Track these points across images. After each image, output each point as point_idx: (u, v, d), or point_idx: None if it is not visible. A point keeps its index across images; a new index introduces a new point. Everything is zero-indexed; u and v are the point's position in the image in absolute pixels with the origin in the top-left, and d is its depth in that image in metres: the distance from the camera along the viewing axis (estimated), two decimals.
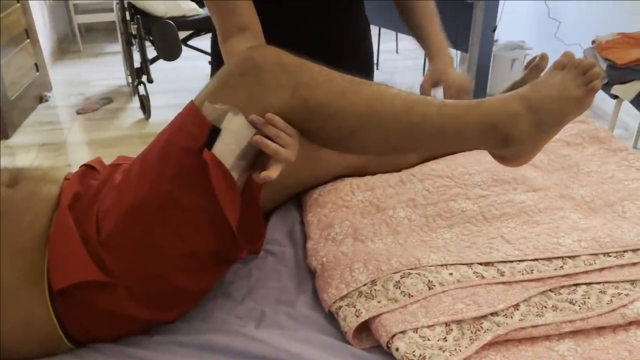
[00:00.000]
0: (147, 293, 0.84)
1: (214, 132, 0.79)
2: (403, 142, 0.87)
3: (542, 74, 0.93)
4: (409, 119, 0.84)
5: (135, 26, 3.11)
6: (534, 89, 0.89)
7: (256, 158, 0.85)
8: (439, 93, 1.19)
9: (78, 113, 3.43)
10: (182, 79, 3.89)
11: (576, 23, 3.33)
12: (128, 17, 3.22)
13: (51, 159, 2.87)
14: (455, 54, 3.21)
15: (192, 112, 0.81)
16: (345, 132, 0.84)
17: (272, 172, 0.80)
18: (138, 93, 3.33)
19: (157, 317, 0.86)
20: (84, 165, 1.00)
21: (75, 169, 1.01)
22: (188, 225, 0.82)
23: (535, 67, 1.03)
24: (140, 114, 3.37)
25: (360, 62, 1.27)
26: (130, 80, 3.63)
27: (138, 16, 3.09)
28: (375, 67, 4.12)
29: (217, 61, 1.19)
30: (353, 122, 0.83)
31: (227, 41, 1.01)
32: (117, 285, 0.81)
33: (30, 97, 3.47)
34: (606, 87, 2.46)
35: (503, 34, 3.72)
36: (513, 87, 1.04)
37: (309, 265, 0.98)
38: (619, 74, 2.40)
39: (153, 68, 3.33)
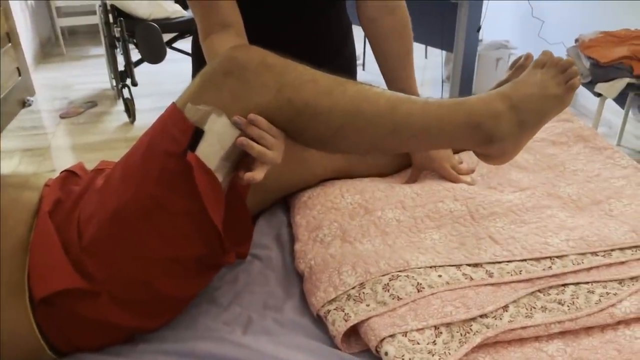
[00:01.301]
0: (131, 300, 0.82)
1: (197, 134, 0.78)
2: (388, 141, 0.87)
3: (524, 72, 0.94)
4: (394, 118, 0.83)
5: (119, 29, 3.08)
6: (515, 88, 0.90)
7: (241, 159, 0.83)
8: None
9: (62, 117, 3.39)
10: (167, 82, 3.87)
11: (559, 22, 3.36)
12: (111, 20, 3.19)
13: (35, 164, 2.83)
14: (441, 53, 3.22)
15: (174, 114, 0.80)
16: (330, 132, 0.83)
17: (257, 174, 0.79)
18: (122, 96, 3.29)
19: (142, 324, 0.85)
20: (65, 170, 0.98)
21: (59, 174, 0.99)
22: (173, 229, 0.80)
23: (520, 67, 1.03)
24: (125, 118, 3.34)
25: (343, 63, 1.25)
26: (114, 84, 3.60)
27: (121, 19, 3.06)
28: (362, 67, 4.12)
29: (198, 62, 1.18)
30: (338, 121, 0.82)
31: (208, 38, 1.00)
32: (100, 293, 0.79)
33: (13, 102, 3.42)
34: (590, 85, 2.48)
35: (487, 33, 3.74)
36: (498, 87, 1.05)
37: (297, 268, 0.97)
38: (602, 72, 2.42)
39: (137, 71, 3.30)
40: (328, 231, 1.00)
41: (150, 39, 2.98)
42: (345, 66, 1.27)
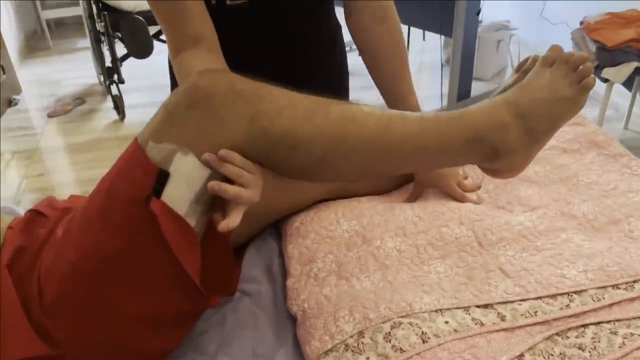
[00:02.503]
0: None
1: (163, 176, 0.69)
2: (380, 165, 0.77)
3: (530, 73, 0.84)
4: (386, 139, 0.73)
5: (103, 23, 2.96)
6: (521, 93, 0.80)
7: (215, 199, 0.74)
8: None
9: (49, 116, 3.29)
10: (156, 75, 3.72)
11: (562, 1, 3.22)
12: (95, 14, 3.06)
13: (23, 168, 2.74)
14: (440, 38, 3.10)
15: (135, 154, 0.70)
16: (313, 162, 0.73)
17: (233, 219, 0.69)
18: (111, 93, 3.18)
19: None
20: (31, 210, 0.89)
21: (49, 177, 0.90)
22: (143, 283, 0.72)
23: (526, 71, 0.93)
24: (114, 115, 3.23)
25: (332, 70, 1.15)
26: (102, 79, 3.48)
27: (105, 13, 2.93)
28: (358, 52, 4.00)
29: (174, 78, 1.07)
30: (322, 149, 0.72)
31: (178, 55, 0.90)
32: (63, 357, 0.71)
33: None
34: (596, 71, 2.37)
35: (487, 13, 3.60)
36: (503, 92, 0.96)
37: (289, 309, 0.88)
38: (609, 56, 2.31)
39: (125, 64, 3.18)
40: (322, 265, 0.92)
41: (136, 33, 2.86)
42: (334, 74, 1.17)
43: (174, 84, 1.08)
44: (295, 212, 1.06)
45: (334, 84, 1.18)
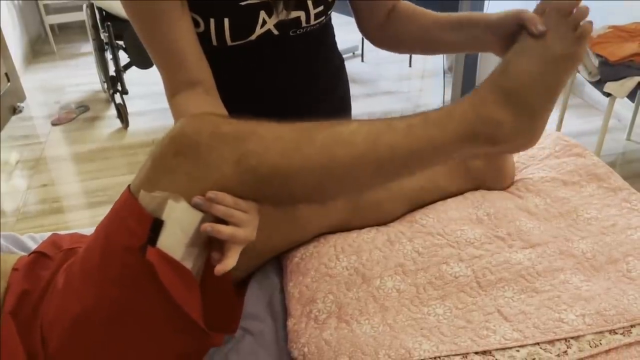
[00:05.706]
0: None
1: (157, 224, 0.70)
2: (376, 179, 0.77)
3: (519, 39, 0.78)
4: (376, 154, 0.73)
5: (106, 34, 2.96)
6: (505, 71, 0.76)
7: (211, 239, 0.74)
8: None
9: (53, 124, 3.30)
10: (159, 82, 3.73)
11: None
12: (99, 22, 3.07)
13: (26, 178, 2.76)
14: None
15: (128, 203, 0.71)
16: (309, 189, 0.74)
17: (230, 260, 0.70)
18: (114, 102, 3.20)
19: None
20: (35, 252, 0.90)
21: (53, 188, 0.91)
22: (144, 331, 0.73)
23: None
24: (118, 123, 3.24)
25: (334, 105, 1.16)
26: (106, 87, 3.49)
27: (109, 24, 2.94)
28: (361, 58, 4.00)
29: None
30: (314, 176, 0.72)
31: (174, 97, 0.90)
32: None
33: (3, 109, 3.33)
34: (598, 85, 2.37)
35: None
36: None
37: (290, 352, 0.89)
38: (611, 70, 2.31)
39: (130, 70, 3.20)
40: (322, 306, 0.92)
41: (139, 43, 2.85)
42: (337, 108, 1.17)
43: None
44: (295, 246, 1.06)
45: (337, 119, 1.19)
